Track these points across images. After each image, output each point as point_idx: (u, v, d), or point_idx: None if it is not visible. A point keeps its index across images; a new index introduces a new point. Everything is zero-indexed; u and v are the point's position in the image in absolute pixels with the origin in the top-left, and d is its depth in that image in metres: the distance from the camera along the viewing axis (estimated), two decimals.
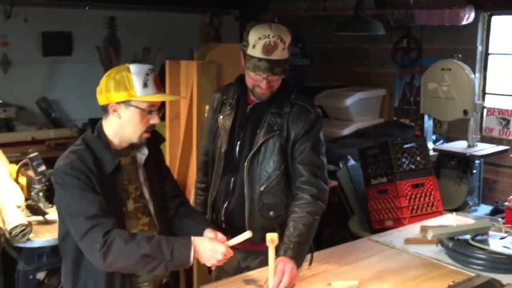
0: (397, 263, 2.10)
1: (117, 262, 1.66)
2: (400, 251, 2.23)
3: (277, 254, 1.87)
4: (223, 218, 2.18)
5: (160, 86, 1.77)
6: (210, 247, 1.71)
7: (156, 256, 1.65)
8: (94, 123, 1.82)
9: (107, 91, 1.73)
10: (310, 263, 2.04)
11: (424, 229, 2.39)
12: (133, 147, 1.84)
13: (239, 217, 2.13)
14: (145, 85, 1.72)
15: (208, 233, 1.86)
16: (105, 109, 1.77)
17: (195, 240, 1.70)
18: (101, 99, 1.76)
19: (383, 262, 2.11)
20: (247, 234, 1.80)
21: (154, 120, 1.78)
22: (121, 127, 1.77)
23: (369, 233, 3.15)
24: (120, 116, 1.75)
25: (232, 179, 2.15)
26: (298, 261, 1.91)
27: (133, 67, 1.73)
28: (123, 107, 1.74)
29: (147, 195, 1.87)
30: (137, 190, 1.85)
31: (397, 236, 2.41)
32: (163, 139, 1.98)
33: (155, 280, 1.87)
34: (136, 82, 1.71)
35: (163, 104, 1.80)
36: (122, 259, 1.65)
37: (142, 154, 1.86)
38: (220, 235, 1.85)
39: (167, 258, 1.65)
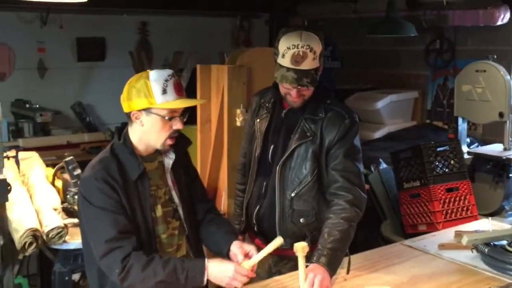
0: (431, 269, 2.06)
1: (135, 286, 1.68)
2: (434, 257, 2.19)
3: (310, 261, 1.83)
4: (254, 222, 2.19)
5: (181, 91, 1.75)
6: (218, 270, 1.68)
7: (171, 281, 1.65)
8: (121, 130, 1.83)
9: (128, 99, 1.74)
10: (348, 271, 2.00)
11: (458, 234, 2.34)
12: (159, 152, 1.85)
13: (270, 221, 2.13)
14: (164, 91, 1.70)
15: (234, 246, 1.85)
16: (128, 117, 1.78)
17: (209, 265, 1.68)
18: (125, 107, 1.77)
19: (417, 268, 2.08)
20: (277, 241, 1.78)
21: (177, 125, 1.76)
22: (145, 133, 1.77)
23: (402, 238, 3.11)
24: (143, 124, 1.75)
25: (265, 183, 2.15)
26: (331, 268, 1.84)
27: (152, 74, 1.72)
28: (145, 115, 1.74)
29: (176, 199, 1.88)
30: (166, 194, 1.86)
31: (431, 241, 2.37)
32: (189, 142, 1.96)
33: None
34: (156, 89, 1.70)
35: (188, 108, 1.80)
36: (139, 284, 1.67)
37: (169, 159, 1.86)
38: (246, 247, 1.83)
39: (181, 283, 1.65)
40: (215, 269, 1.68)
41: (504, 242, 2.12)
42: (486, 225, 2.55)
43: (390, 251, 2.30)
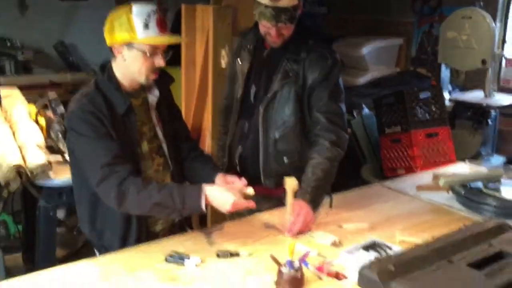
0: (408, 209, 2.11)
1: (131, 210, 1.70)
2: (412, 198, 2.24)
3: (294, 199, 1.87)
4: (237, 162, 2.19)
5: (164, 27, 1.70)
6: (220, 197, 1.68)
7: (167, 204, 1.66)
8: (105, 66, 1.78)
9: (110, 31, 1.69)
10: (331, 206, 2.07)
11: (436, 177, 2.39)
12: (143, 89, 1.83)
13: (253, 162, 2.14)
14: (146, 26, 1.65)
15: (218, 179, 1.87)
16: (111, 50, 1.74)
17: (206, 189, 1.68)
18: (107, 39, 1.72)
19: (394, 208, 2.12)
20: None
21: (159, 62, 1.72)
22: (127, 68, 1.73)
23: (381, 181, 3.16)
24: (125, 58, 1.71)
25: (247, 124, 2.15)
26: (315, 205, 1.91)
27: (135, 7, 1.66)
28: (126, 49, 1.70)
29: (160, 135, 1.87)
30: (151, 131, 1.85)
31: (410, 183, 2.41)
32: (172, 80, 1.94)
33: (167, 219, 1.90)
34: (137, 23, 1.65)
35: (172, 46, 1.76)
36: (135, 207, 1.68)
37: (154, 96, 1.84)
38: (230, 178, 1.86)
39: (178, 206, 1.66)
40: (215, 195, 1.68)
41: (480, 184, 2.17)
42: (463, 169, 2.60)
43: (369, 192, 2.34)
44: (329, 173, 1.98)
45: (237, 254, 1.66)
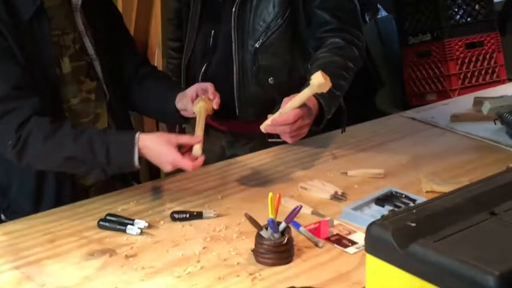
0: (438, 146, 2.13)
1: (36, 164, 1.71)
2: (444, 131, 2.26)
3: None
4: None
5: None
6: (154, 152, 1.67)
7: (85, 159, 1.65)
8: None
9: None
10: (343, 130, 2.10)
11: (479, 101, 2.39)
12: None
13: (223, 86, 2.11)
14: None
15: (180, 100, 1.89)
16: None
17: (140, 138, 1.66)
18: None
19: (420, 145, 2.13)
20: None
21: None
22: None
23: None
24: None
25: (213, 31, 2.13)
26: (328, 105, 1.85)
27: None
28: None
29: (91, 49, 1.85)
30: (76, 42, 1.83)
31: (441, 111, 2.43)
32: None
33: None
34: None
35: None
36: (41, 161, 1.68)
37: None
38: (203, 86, 1.89)
39: (101, 161, 1.65)
40: (150, 148, 1.67)
41: None
42: None
43: (387, 125, 2.36)
44: (345, 73, 1.97)
45: (199, 215, 1.66)
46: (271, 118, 1.76)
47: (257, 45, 2.07)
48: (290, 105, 1.74)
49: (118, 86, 1.95)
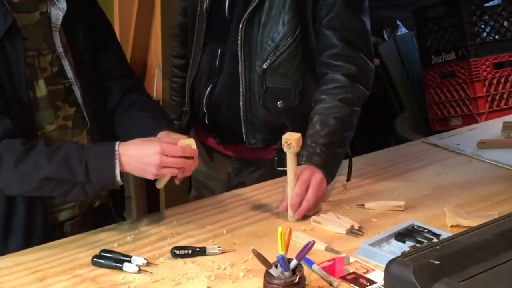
0: (465, 175, 2.12)
1: (10, 189, 1.70)
2: (470, 159, 2.26)
3: (298, 163, 1.88)
4: (205, 110, 2.19)
5: None
6: (136, 155, 1.67)
7: (63, 177, 1.65)
8: None
9: None
10: (349, 178, 2.08)
11: (508, 126, 2.39)
12: None
13: (230, 109, 2.15)
14: None
15: (162, 135, 1.83)
16: None
17: (121, 147, 1.66)
18: None
19: (444, 175, 2.13)
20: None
21: None
22: None
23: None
24: None
25: (219, 50, 2.15)
26: (328, 171, 1.91)
27: None
28: None
29: (70, 72, 1.84)
30: (54, 65, 1.82)
31: (467, 137, 2.43)
32: None
33: (81, 202, 1.90)
34: None
35: None
36: (15, 184, 1.68)
37: (58, 9, 1.80)
38: (176, 136, 1.81)
39: (80, 180, 1.65)
40: (131, 153, 1.67)
41: None
42: None
43: (407, 152, 2.36)
44: (347, 122, 2.00)
45: (202, 251, 1.65)
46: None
47: (265, 66, 2.08)
48: (289, 190, 1.81)
49: (101, 113, 1.94)
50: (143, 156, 1.67)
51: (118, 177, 1.67)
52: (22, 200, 1.77)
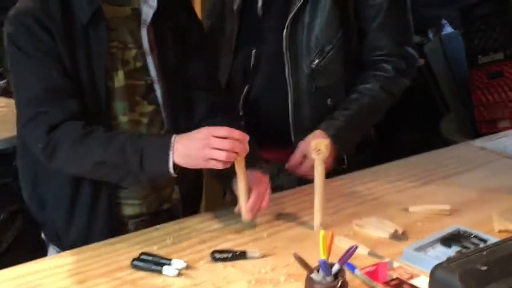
0: None
1: (68, 169, 1.77)
2: None
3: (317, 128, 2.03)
4: (242, 110, 2.21)
5: None
6: (187, 143, 1.67)
7: (117, 164, 1.69)
8: None
9: None
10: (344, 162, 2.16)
11: None
12: None
13: (272, 110, 2.18)
14: None
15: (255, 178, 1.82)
16: None
17: (177, 139, 1.69)
18: None
19: (492, 178, 2.13)
20: None
21: None
22: None
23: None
24: None
25: (254, 51, 2.17)
26: (341, 142, 2.02)
27: None
28: None
29: (153, 70, 1.88)
30: (138, 60, 1.86)
31: None
32: None
33: (150, 200, 1.93)
34: None
35: None
36: (71, 166, 1.75)
37: (148, 7, 1.84)
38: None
39: (134, 168, 1.68)
40: (183, 141, 1.68)
41: None
42: None
43: (452, 155, 2.36)
44: (380, 108, 2.14)
45: (243, 255, 1.66)
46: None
47: (313, 66, 2.11)
48: (316, 200, 1.83)
49: (182, 119, 1.93)
50: (193, 141, 1.67)
51: (171, 169, 1.68)
52: (88, 185, 1.82)
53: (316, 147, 1.79)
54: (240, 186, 1.77)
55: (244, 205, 1.77)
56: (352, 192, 2.04)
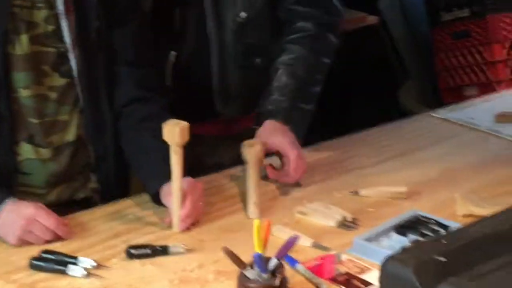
0: (480, 156, 2.15)
1: None
2: (487, 135, 2.28)
3: (258, 121, 2.02)
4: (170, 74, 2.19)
5: None
6: (5, 217, 1.71)
7: None
8: None
9: None
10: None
11: None
12: None
13: (200, 76, 2.17)
14: None
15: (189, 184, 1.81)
16: None
17: (7, 206, 1.71)
18: None
19: (456, 155, 2.15)
20: None
21: None
22: None
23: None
24: None
25: (177, 11, 2.16)
26: (296, 129, 2.00)
27: None
28: None
29: (67, 36, 1.84)
30: (49, 23, 1.82)
31: (483, 109, 2.46)
32: None
33: (60, 189, 1.92)
34: None
35: None
36: None
37: None
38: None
39: None
40: (6, 212, 1.71)
41: None
42: None
43: (412, 128, 2.39)
44: (316, 76, 2.12)
45: (164, 251, 1.66)
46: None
47: (238, 19, 2.11)
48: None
49: (103, 98, 1.92)
50: (16, 216, 1.70)
51: None
52: None
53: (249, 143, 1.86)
54: (174, 190, 1.76)
55: (176, 214, 1.75)
56: None
